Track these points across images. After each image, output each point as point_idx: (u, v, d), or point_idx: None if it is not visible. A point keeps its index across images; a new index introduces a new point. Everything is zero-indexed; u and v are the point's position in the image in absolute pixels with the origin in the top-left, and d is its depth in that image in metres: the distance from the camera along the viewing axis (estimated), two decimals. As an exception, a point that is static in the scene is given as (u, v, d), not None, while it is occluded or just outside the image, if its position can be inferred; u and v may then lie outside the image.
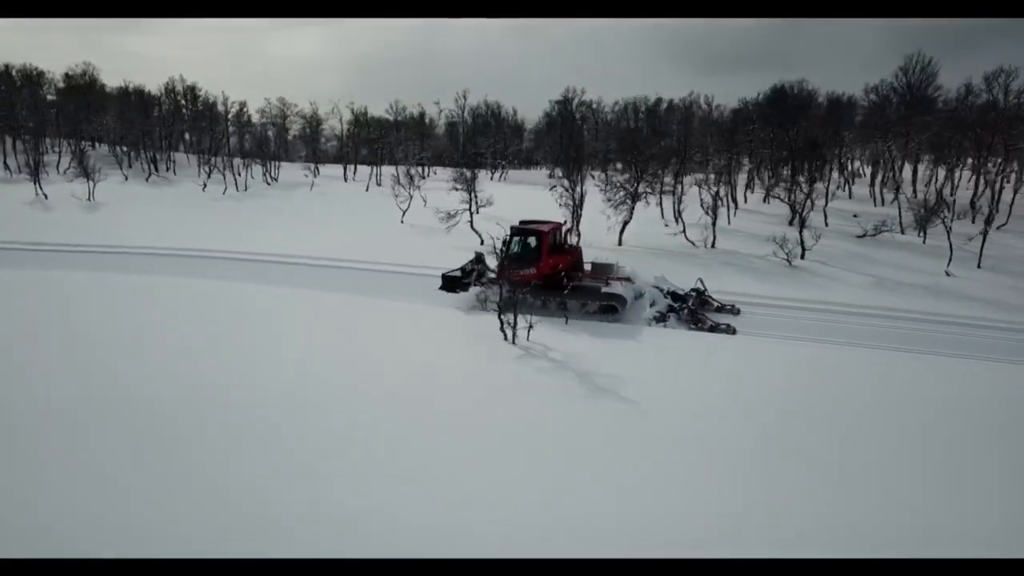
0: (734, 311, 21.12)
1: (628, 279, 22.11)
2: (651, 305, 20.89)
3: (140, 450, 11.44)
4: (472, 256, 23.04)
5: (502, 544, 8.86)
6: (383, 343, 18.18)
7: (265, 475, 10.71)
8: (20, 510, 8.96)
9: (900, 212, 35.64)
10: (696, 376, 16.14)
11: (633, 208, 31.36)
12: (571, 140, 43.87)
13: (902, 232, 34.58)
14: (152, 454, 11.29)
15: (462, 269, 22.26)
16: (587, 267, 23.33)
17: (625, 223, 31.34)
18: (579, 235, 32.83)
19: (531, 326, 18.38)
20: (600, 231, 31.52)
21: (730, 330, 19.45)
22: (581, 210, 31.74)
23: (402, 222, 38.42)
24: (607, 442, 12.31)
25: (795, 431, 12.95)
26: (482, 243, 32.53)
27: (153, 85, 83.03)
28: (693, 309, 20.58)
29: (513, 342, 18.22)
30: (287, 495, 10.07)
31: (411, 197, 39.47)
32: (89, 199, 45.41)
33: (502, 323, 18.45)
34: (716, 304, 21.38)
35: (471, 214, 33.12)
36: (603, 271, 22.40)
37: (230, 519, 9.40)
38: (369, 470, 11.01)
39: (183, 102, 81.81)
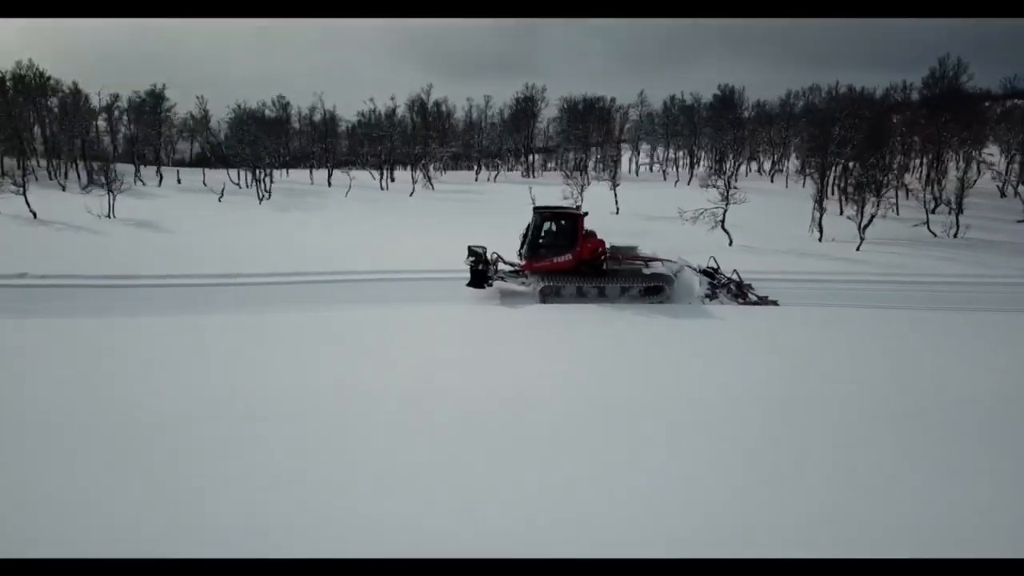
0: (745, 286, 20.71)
1: (652, 259, 20.52)
2: (699, 284, 20.01)
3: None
4: (478, 250, 19.89)
5: None
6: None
7: None
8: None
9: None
10: None
11: (879, 202, 29.74)
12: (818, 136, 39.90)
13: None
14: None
15: (484, 262, 19.62)
16: None
17: (872, 216, 29.62)
18: (820, 230, 30.81)
19: None
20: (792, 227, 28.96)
21: (769, 302, 18.89)
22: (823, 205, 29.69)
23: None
24: None
25: None
26: (730, 243, 29.00)
27: None
28: (740, 284, 20.21)
29: None
30: None
31: (581, 196, 34.37)
32: (110, 215, 33.60)
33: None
34: (723, 281, 20.76)
35: (724, 212, 29.27)
36: (625, 253, 20.66)
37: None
38: None
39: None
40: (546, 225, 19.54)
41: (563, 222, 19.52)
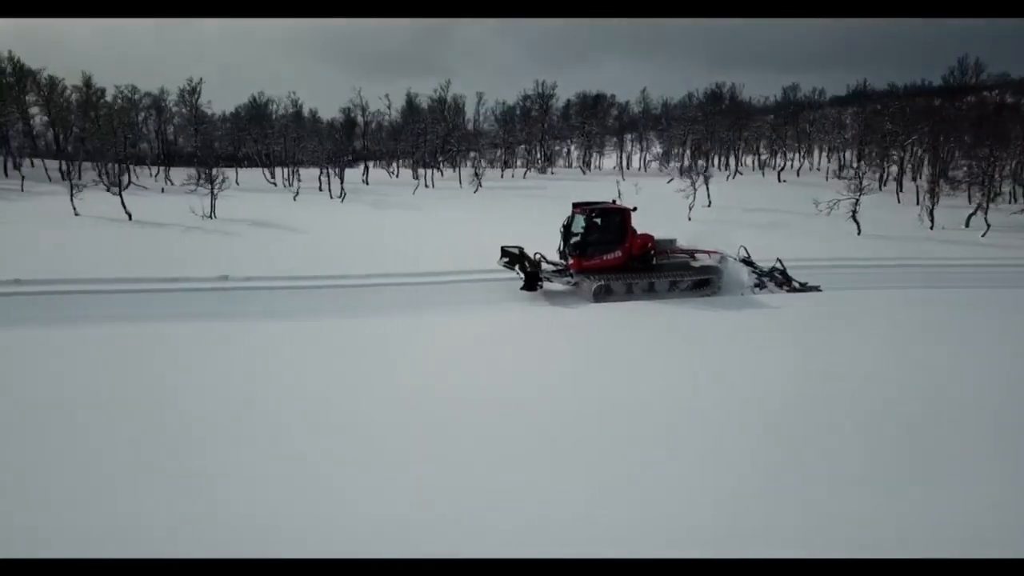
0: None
1: (697, 251, 20.50)
2: (747, 275, 20.07)
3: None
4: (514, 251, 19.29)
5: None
6: None
7: None
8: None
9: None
10: None
11: (990, 193, 31.19)
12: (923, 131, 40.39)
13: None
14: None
15: (530, 263, 18.94)
16: None
17: (979, 207, 31.09)
18: (932, 219, 32.04)
19: None
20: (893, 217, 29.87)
21: (811, 288, 19.33)
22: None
23: (689, 219, 33.62)
24: None
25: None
26: (859, 232, 29.88)
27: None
28: (784, 272, 20.33)
29: None
30: None
31: (695, 191, 34.82)
32: (212, 216, 32.56)
33: None
34: (765, 269, 20.69)
35: (856, 203, 30.16)
36: (668, 247, 20.53)
37: None
38: None
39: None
40: (596, 221, 18.64)
41: (611, 218, 18.79)
